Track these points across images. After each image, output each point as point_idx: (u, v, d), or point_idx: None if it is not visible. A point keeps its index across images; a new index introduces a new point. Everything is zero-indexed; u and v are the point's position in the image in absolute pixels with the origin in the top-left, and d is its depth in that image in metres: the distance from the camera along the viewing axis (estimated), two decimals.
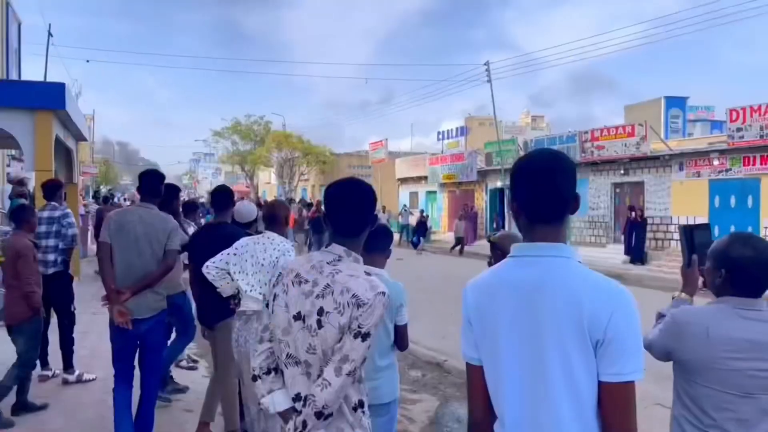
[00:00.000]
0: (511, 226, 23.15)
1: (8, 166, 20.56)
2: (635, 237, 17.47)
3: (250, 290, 3.70)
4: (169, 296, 4.32)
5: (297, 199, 28.38)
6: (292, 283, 1.94)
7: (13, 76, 23.97)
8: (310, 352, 1.87)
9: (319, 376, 1.85)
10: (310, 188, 43.99)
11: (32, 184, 10.79)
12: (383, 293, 1.88)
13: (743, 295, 2.07)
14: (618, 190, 19.58)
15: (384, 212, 22.15)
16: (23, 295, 4.56)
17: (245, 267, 3.75)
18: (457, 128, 28.56)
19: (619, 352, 1.42)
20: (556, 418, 1.47)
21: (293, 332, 1.90)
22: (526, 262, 1.57)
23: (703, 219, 16.39)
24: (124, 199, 32.72)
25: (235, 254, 3.79)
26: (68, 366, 5.60)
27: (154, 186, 4.16)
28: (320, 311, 1.86)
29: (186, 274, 4.98)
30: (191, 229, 5.41)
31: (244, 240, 3.87)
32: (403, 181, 32.51)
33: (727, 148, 15.89)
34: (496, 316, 1.57)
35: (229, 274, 3.80)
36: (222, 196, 4.59)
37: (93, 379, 5.59)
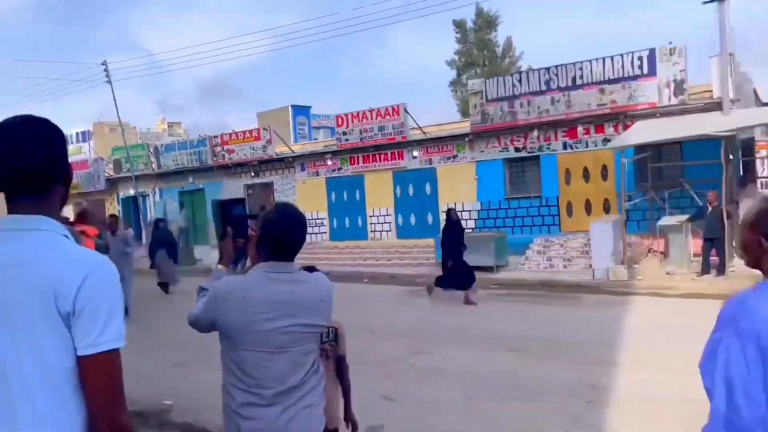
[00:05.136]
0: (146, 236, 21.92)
1: None
2: None
3: None
4: None
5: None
6: None
7: None
8: None
9: None
10: None
11: None
12: None
13: (275, 260, 2.23)
14: (250, 192, 20.45)
15: None
16: None
17: None
18: (77, 133, 25.59)
19: (92, 321, 1.29)
20: (24, 419, 1.28)
21: None
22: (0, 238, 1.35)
23: (323, 213, 18.34)
24: None
25: None
26: None
27: None
28: None
29: None
30: None
31: None
32: None
33: (337, 150, 18.13)
34: None
35: None
36: None
37: None
